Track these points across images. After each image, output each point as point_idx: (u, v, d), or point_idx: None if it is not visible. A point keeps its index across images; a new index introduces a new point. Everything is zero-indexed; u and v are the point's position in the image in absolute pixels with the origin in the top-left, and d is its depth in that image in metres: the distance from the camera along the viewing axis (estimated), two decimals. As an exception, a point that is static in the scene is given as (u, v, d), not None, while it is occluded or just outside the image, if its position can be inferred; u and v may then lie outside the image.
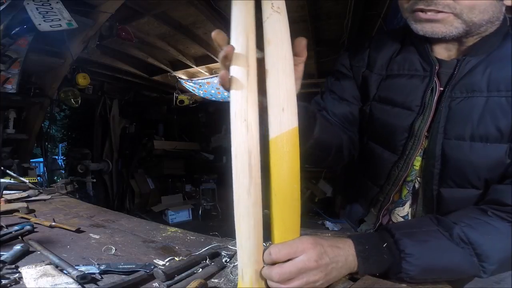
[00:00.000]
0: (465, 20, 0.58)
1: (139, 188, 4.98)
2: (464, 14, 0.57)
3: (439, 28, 0.59)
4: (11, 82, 2.34)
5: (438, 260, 0.53)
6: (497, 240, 0.54)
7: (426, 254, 0.53)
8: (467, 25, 0.58)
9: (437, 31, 0.59)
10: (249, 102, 0.47)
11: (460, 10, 0.57)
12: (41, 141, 3.43)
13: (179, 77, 4.62)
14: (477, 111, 0.60)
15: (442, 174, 0.65)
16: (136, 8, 2.70)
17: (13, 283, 0.60)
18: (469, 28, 0.59)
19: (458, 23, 0.58)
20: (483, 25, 0.59)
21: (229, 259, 0.75)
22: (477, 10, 0.57)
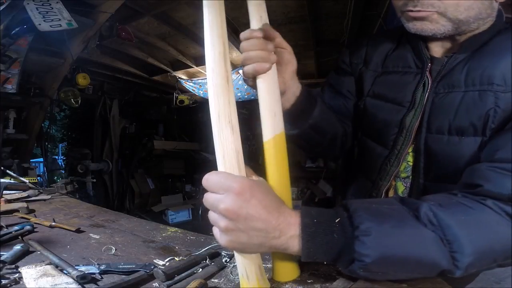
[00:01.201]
0: (450, 18, 0.59)
1: (139, 188, 4.98)
2: (448, 12, 0.58)
3: (427, 26, 0.61)
4: (11, 82, 2.34)
5: (402, 243, 0.44)
6: (473, 225, 0.45)
7: (386, 232, 0.43)
8: (454, 22, 0.60)
9: (426, 28, 0.62)
10: (231, 105, 0.51)
11: (445, 8, 0.58)
12: (41, 141, 3.43)
13: (179, 77, 4.62)
14: (455, 106, 0.61)
15: (426, 168, 0.65)
16: (136, 8, 2.70)
17: (13, 283, 0.60)
18: (457, 26, 0.61)
19: (443, 21, 0.60)
20: (472, 22, 0.60)
21: (229, 259, 0.75)
22: (462, 7, 0.58)
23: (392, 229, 0.44)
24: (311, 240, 0.44)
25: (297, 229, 0.45)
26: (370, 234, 0.43)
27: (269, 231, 0.43)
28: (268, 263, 0.65)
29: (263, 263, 0.53)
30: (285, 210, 0.46)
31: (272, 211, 0.44)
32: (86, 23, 2.43)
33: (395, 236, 0.44)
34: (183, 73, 4.65)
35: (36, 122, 2.98)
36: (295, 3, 2.73)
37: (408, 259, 0.44)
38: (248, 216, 0.42)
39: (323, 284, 0.60)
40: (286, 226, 0.44)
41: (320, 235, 0.44)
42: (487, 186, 0.48)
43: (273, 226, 0.43)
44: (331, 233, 0.45)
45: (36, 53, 2.50)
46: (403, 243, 0.44)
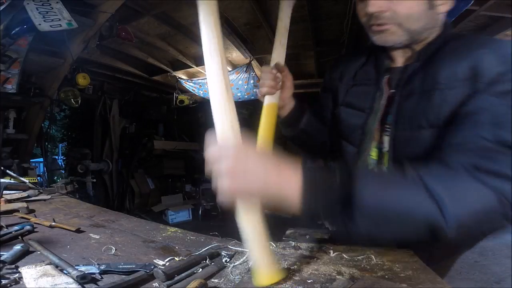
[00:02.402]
0: (405, 28, 0.71)
1: (139, 188, 4.98)
2: (403, 24, 0.70)
3: (388, 37, 0.72)
4: (11, 82, 2.34)
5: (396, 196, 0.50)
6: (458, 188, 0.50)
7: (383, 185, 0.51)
8: (409, 32, 0.71)
9: (387, 39, 0.73)
10: (232, 111, 0.63)
11: (400, 20, 0.69)
12: (41, 141, 3.43)
13: (179, 77, 4.62)
14: (414, 107, 0.71)
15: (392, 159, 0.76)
16: (136, 8, 2.70)
17: (13, 283, 0.60)
18: (411, 35, 0.72)
19: (400, 31, 0.71)
20: (422, 32, 0.72)
21: (229, 259, 0.75)
22: (412, 18, 0.69)
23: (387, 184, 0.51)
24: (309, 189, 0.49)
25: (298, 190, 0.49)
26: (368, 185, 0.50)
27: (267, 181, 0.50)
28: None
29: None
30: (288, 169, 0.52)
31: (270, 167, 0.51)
32: (86, 23, 2.43)
33: (390, 189, 0.51)
34: (183, 73, 4.65)
35: (36, 122, 2.98)
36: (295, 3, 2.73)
37: (399, 213, 0.49)
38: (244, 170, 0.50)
39: (323, 284, 0.60)
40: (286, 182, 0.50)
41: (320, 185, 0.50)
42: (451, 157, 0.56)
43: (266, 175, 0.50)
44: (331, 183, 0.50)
45: (36, 53, 2.50)
46: (397, 195, 0.50)
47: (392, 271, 0.65)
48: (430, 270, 0.65)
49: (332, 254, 0.76)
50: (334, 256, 0.75)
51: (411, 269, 0.66)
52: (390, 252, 0.76)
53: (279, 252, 0.79)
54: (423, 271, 0.65)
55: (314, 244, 0.83)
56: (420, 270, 0.65)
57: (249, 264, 0.73)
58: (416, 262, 0.69)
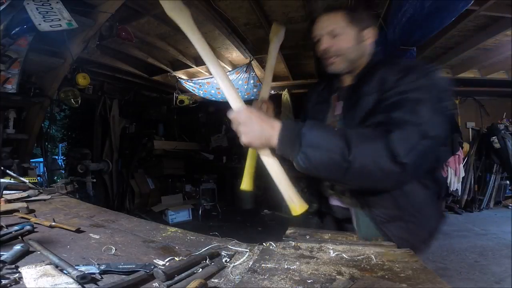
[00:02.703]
0: (345, 58, 1.00)
1: (139, 188, 4.98)
2: (344, 56, 0.99)
3: (336, 66, 1.02)
4: (11, 82, 2.34)
5: (323, 139, 0.76)
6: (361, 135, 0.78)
7: (315, 133, 0.77)
8: (348, 61, 1.00)
9: (335, 68, 1.02)
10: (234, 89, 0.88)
11: (341, 53, 0.99)
12: (41, 141, 3.43)
13: (179, 77, 4.62)
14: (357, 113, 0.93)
15: None
16: (136, 8, 2.70)
17: (13, 283, 0.60)
18: (350, 63, 1.01)
19: (343, 61, 1.00)
20: (357, 59, 1.01)
21: (229, 259, 0.75)
22: (348, 51, 0.99)
23: (318, 132, 0.77)
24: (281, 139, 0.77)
25: (276, 134, 0.77)
26: (306, 134, 0.76)
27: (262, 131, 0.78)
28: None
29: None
30: (274, 122, 0.79)
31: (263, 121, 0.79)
32: (86, 23, 2.43)
33: (320, 133, 0.77)
34: (183, 73, 4.65)
35: (36, 122, 2.98)
36: (295, 3, 2.73)
37: (326, 145, 0.75)
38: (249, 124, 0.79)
39: (323, 284, 0.60)
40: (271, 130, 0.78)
41: (286, 137, 0.77)
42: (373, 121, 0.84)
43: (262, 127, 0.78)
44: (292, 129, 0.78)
45: (36, 53, 2.50)
46: (324, 139, 0.76)
47: (392, 271, 0.65)
48: (430, 270, 0.65)
49: (332, 254, 0.76)
50: (334, 256, 0.75)
51: (411, 269, 0.66)
52: (390, 252, 0.76)
53: (279, 252, 0.79)
54: (423, 271, 0.65)
55: (314, 244, 0.83)
56: (420, 270, 0.65)
57: (249, 264, 0.73)
58: (416, 262, 0.69)
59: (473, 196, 5.03)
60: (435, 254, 3.07)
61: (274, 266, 0.69)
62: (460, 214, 4.82)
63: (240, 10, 2.82)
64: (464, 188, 4.96)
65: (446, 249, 3.21)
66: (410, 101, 0.79)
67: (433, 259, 2.90)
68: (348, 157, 0.72)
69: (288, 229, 1.02)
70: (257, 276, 0.65)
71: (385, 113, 0.80)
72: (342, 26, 0.98)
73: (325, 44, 0.99)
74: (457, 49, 3.77)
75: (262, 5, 2.73)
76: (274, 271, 0.67)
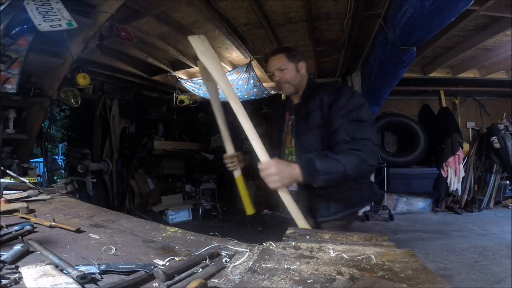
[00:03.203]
0: (292, 84, 1.44)
1: (139, 188, 4.98)
2: (290, 83, 1.43)
3: (287, 90, 1.47)
4: (11, 82, 2.34)
5: (329, 165, 1.15)
6: (346, 157, 1.18)
7: (323, 163, 1.15)
8: (293, 85, 1.45)
9: (287, 91, 1.48)
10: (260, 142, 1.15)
11: (288, 81, 1.43)
12: (41, 141, 3.42)
13: (179, 77, 4.62)
14: (305, 125, 1.38)
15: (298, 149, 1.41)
16: (136, 8, 2.70)
17: (13, 283, 0.60)
18: (295, 87, 1.46)
19: (290, 86, 1.45)
20: (299, 84, 1.46)
21: (229, 259, 0.75)
22: (292, 79, 1.43)
23: (325, 161, 1.16)
24: (304, 176, 1.12)
25: (299, 172, 1.12)
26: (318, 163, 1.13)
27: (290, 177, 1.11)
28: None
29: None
30: (293, 165, 1.13)
31: (290, 170, 1.11)
32: (86, 23, 2.43)
33: (326, 163, 1.15)
34: (183, 73, 4.64)
35: (36, 122, 2.98)
36: (295, 3, 2.73)
37: (332, 169, 1.14)
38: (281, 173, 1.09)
39: (323, 284, 0.60)
40: (295, 171, 1.12)
41: (307, 173, 1.13)
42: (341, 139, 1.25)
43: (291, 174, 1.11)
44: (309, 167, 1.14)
45: (36, 53, 2.50)
46: (329, 166, 1.14)
47: (392, 271, 0.65)
48: (430, 270, 0.65)
49: (332, 254, 0.76)
50: (334, 256, 0.75)
51: (411, 269, 0.66)
52: (390, 252, 0.76)
53: (279, 252, 0.79)
54: (423, 271, 0.65)
55: (314, 244, 0.83)
56: (420, 270, 0.65)
57: (249, 264, 0.73)
58: (416, 262, 0.69)
59: (473, 196, 5.03)
60: (435, 254, 3.07)
61: (274, 266, 0.69)
62: (460, 214, 4.82)
63: (240, 10, 2.82)
64: (464, 188, 4.96)
65: (446, 249, 3.21)
66: (358, 121, 1.24)
67: (433, 259, 2.90)
68: (346, 172, 1.16)
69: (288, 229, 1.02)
70: (257, 276, 0.65)
71: (347, 132, 1.23)
72: (285, 62, 1.44)
73: (277, 77, 1.45)
74: (457, 49, 3.77)
75: (262, 5, 2.73)
76: (274, 271, 0.67)
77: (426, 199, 5.07)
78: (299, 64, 1.45)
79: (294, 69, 1.43)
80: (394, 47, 2.50)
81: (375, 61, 3.00)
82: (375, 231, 3.95)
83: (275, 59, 1.44)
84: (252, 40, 3.50)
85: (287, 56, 1.43)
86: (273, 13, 2.90)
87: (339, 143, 1.22)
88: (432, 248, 3.25)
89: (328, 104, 1.30)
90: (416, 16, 1.98)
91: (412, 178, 4.89)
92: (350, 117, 1.24)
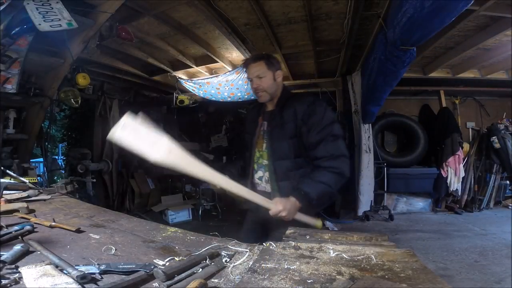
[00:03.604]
0: (268, 92, 1.49)
1: (139, 188, 4.98)
2: (266, 90, 1.48)
3: (263, 98, 1.51)
4: (11, 82, 2.33)
5: (316, 188, 1.33)
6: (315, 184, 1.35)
7: (310, 186, 1.33)
8: (269, 93, 1.49)
9: (263, 99, 1.52)
10: None
11: (265, 89, 1.47)
12: (41, 141, 3.42)
13: (179, 77, 4.62)
14: (278, 130, 1.47)
15: (270, 156, 1.48)
16: (136, 8, 2.70)
17: (13, 283, 0.60)
18: (270, 95, 1.50)
19: (267, 94, 1.49)
20: (274, 92, 1.51)
21: (229, 259, 0.75)
22: (269, 87, 1.48)
23: (315, 188, 1.34)
24: (303, 205, 1.30)
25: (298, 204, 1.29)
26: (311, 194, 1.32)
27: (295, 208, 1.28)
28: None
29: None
30: (292, 200, 1.29)
31: (293, 203, 1.28)
32: (86, 23, 2.43)
33: (316, 190, 1.33)
34: (183, 73, 4.64)
35: (36, 122, 2.98)
36: (295, 3, 2.73)
37: (322, 192, 1.34)
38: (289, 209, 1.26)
39: (323, 284, 0.60)
40: (296, 204, 1.29)
41: (304, 202, 1.30)
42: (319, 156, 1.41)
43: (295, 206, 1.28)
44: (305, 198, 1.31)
45: (36, 53, 2.50)
46: (319, 190, 1.34)
47: (392, 271, 0.65)
48: (430, 270, 0.65)
49: (332, 254, 0.76)
50: (334, 256, 0.75)
51: (411, 269, 0.66)
52: (390, 252, 0.76)
53: (279, 252, 0.79)
54: (423, 271, 0.65)
55: (314, 244, 0.83)
56: (420, 270, 0.65)
57: (249, 264, 0.73)
58: (416, 262, 0.69)
59: (473, 196, 5.03)
60: (435, 254, 3.07)
61: (274, 266, 0.69)
62: (460, 214, 4.82)
63: (240, 10, 2.82)
64: (464, 188, 4.96)
65: (446, 249, 3.21)
66: (333, 136, 1.40)
67: (433, 259, 2.90)
68: (332, 191, 1.37)
69: (288, 229, 1.02)
70: (257, 276, 0.65)
71: (326, 149, 1.38)
72: (264, 70, 1.48)
73: (255, 84, 1.50)
74: (457, 49, 3.77)
75: (262, 5, 2.73)
76: (274, 271, 0.67)
77: (426, 199, 5.07)
78: (276, 73, 1.50)
79: (272, 77, 1.48)
80: (394, 47, 2.49)
81: (375, 61, 3.00)
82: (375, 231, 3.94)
83: (255, 66, 1.48)
84: (252, 40, 3.50)
85: (267, 64, 1.48)
86: (273, 13, 2.90)
87: (319, 159, 1.39)
88: (432, 248, 3.25)
89: (301, 118, 1.41)
90: (416, 16, 1.98)
91: (412, 178, 4.89)
92: (325, 132, 1.38)
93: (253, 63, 1.50)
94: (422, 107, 5.52)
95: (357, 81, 4.27)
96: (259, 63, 1.48)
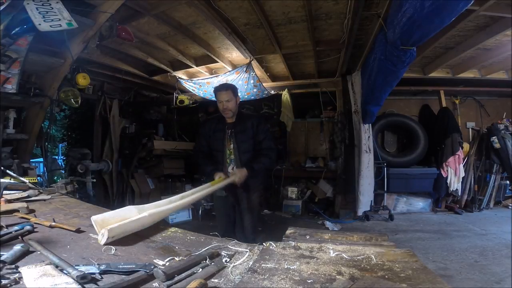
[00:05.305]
0: (232, 112, 2.24)
1: (139, 188, 4.98)
2: (231, 110, 2.23)
3: (228, 115, 2.25)
4: (11, 82, 2.34)
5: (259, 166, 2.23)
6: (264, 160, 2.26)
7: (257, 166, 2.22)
8: (232, 112, 2.24)
9: (228, 116, 2.26)
10: None
11: (230, 109, 2.22)
12: (41, 141, 3.42)
13: (179, 77, 4.62)
14: (242, 136, 2.26)
15: (238, 154, 2.25)
16: (136, 8, 2.70)
17: (13, 283, 0.60)
18: (233, 113, 2.25)
19: (231, 113, 2.24)
20: (235, 111, 2.27)
21: (229, 259, 0.75)
22: (233, 108, 2.24)
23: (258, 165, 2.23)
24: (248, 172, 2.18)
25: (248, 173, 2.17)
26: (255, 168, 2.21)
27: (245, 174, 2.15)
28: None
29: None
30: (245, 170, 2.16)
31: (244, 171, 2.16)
32: (86, 23, 2.43)
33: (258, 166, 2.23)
34: (183, 73, 4.64)
35: (36, 122, 2.98)
36: (295, 3, 2.73)
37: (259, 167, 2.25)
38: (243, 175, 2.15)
39: (323, 284, 0.60)
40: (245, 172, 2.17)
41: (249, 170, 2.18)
42: None
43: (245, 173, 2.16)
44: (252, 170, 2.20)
45: (36, 53, 2.50)
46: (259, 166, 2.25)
47: (392, 271, 0.65)
48: (430, 270, 0.65)
49: (332, 254, 0.76)
50: (334, 256, 0.75)
51: (411, 269, 0.66)
52: (390, 252, 0.76)
53: (279, 252, 0.79)
54: (423, 271, 0.65)
55: (314, 244, 0.83)
56: (420, 270, 0.65)
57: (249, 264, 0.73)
58: (416, 262, 0.69)
59: (473, 196, 5.02)
60: (435, 254, 3.06)
61: (274, 266, 0.70)
62: (460, 214, 4.82)
63: (240, 10, 2.82)
64: (464, 188, 4.96)
65: (446, 249, 3.21)
66: (269, 137, 2.29)
67: (433, 259, 2.90)
68: (266, 167, 2.30)
69: (288, 229, 1.02)
70: (257, 276, 0.65)
71: (265, 143, 2.24)
72: (231, 97, 2.19)
73: (224, 106, 2.19)
74: (457, 49, 3.77)
75: (262, 5, 2.73)
76: (274, 271, 0.67)
77: (426, 199, 5.07)
78: (237, 98, 2.25)
79: (235, 101, 2.22)
80: (394, 47, 2.49)
81: (375, 61, 3.00)
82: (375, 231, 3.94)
83: (225, 93, 2.19)
84: (252, 40, 3.51)
85: (233, 92, 2.22)
86: (273, 13, 2.90)
87: (262, 150, 2.23)
88: (432, 248, 3.25)
89: (256, 126, 2.24)
90: (416, 16, 1.98)
91: (412, 178, 4.89)
92: (266, 135, 2.27)
93: (224, 91, 2.20)
94: (422, 107, 5.52)
95: (357, 81, 4.27)
96: (228, 92, 2.19)
